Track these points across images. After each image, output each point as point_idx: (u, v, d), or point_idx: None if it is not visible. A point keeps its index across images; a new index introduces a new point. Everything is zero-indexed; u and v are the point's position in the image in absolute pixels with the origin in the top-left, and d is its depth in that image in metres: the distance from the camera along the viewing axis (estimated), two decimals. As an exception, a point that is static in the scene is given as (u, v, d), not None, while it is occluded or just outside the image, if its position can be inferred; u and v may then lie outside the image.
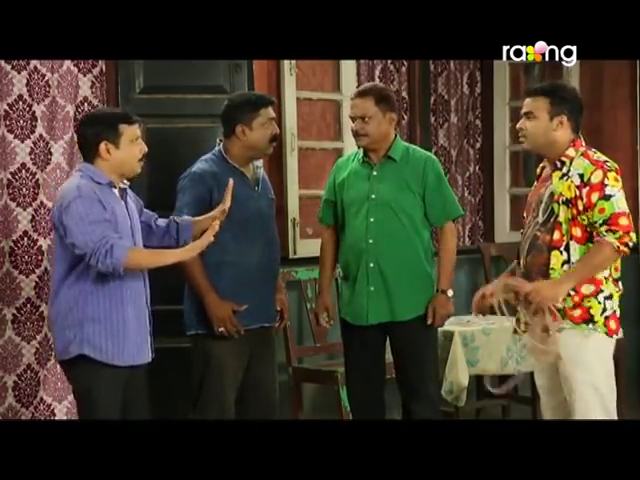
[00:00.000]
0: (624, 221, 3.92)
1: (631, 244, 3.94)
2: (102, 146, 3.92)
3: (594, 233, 3.95)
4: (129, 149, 3.95)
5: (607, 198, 3.92)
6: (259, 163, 4.68)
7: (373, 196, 4.63)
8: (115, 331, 3.91)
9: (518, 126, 4.13)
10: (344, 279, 4.78)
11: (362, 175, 4.68)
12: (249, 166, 4.61)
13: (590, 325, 3.96)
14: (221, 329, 4.45)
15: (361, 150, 4.72)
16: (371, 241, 4.61)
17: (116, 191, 3.98)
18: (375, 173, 4.66)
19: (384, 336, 4.70)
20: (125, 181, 4.04)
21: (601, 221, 3.92)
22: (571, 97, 4.12)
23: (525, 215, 4.23)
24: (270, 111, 4.53)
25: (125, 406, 3.98)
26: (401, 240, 4.61)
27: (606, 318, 3.98)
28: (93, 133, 3.93)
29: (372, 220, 4.62)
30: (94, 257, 3.82)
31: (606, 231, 3.91)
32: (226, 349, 4.47)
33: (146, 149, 4.03)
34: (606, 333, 3.99)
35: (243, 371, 4.55)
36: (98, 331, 3.90)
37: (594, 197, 3.93)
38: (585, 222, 3.96)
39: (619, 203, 3.93)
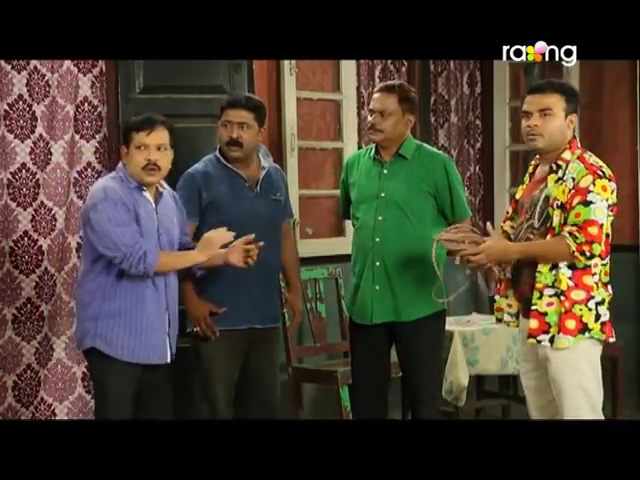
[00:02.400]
0: (593, 230, 3.88)
1: (588, 254, 3.89)
2: (122, 149, 4.13)
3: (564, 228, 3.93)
4: (133, 155, 4.07)
5: (587, 204, 3.89)
6: (266, 164, 4.68)
7: (382, 194, 4.61)
8: (129, 328, 4.01)
9: (532, 123, 4.02)
10: (353, 277, 4.76)
11: (373, 173, 4.66)
12: (250, 167, 4.62)
13: (586, 334, 3.93)
14: (196, 329, 4.49)
15: (373, 146, 4.71)
16: (378, 239, 4.59)
17: (147, 194, 4.09)
18: (385, 171, 4.64)
19: (389, 337, 4.67)
20: (164, 185, 4.18)
21: (572, 223, 3.90)
22: (577, 96, 4.11)
23: (509, 211, 4.22)
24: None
25: (140, 405, 4.03)
26: (408, 239, 4.57)
27: (602, 324, 3.95)
28: (121, 137, 4.19)
29: (380, 219, 4.59)
30: (127, 262, 3.96)
31: (569, 232, 3.89)
32: (215, 347, 4.51)
33: (153, 158, 4.06)
34: (604, 339, 3.98)
35: (237, 370, 4.58)
36: (112, 326, 4.01)
37: (575, 200, 3.90)
38: None
39: (596, 212, 3.89)
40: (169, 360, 4.14)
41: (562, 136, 4.03)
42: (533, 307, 3.97)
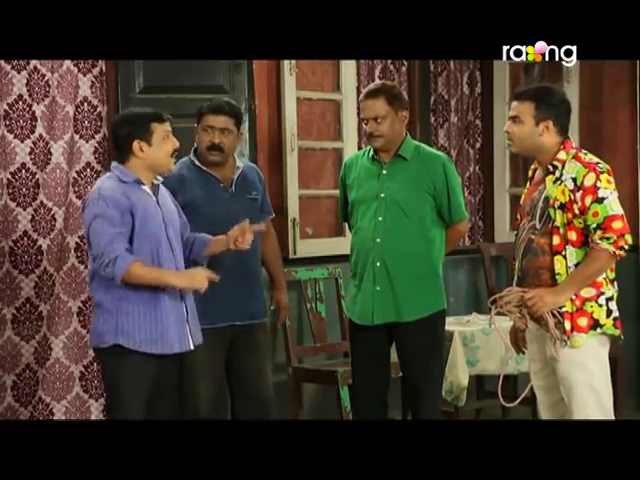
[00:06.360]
0: (618, 224, 3.90)
1: (626, 247, 3.91)
2: (135, 144, 4.06)
3: (589, 238, 3.93)
4: (161, 146, 4.08)
5: (600, 201, 3.90)
6: (240, 164, 4.71)
7: (382, 195, 4.60)
8: (148, 321, 4.00)
9: (505, 129, 4.11)
10: (352, 278, 4.74)
11: (372, 174, 4.65)
12: (225, 168, 4.67)
13: (598, 329, 3.94)
14: None
15: (371, 147, 4.68)
16: (378, 240, 4.58)
17: (146, 187, 4.09)
18: (385, 172, 4.62)
19: (389, 337, 4.66)
20: (159, 177, 4.16)
21: (595, 225, 3.90)
22: (558, 102, 4.07)
23: (519, 217, 4.22)
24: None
25: (151, 398, 4.04)
26: (409, 240, 4.57)
27: (615, 319, 3.96)
28: (126, 133, 4.07)
29: (380, 219, 4.58)
30: (97, 261, 3.95)
31: (600, 238, 3.89)
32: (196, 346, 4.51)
33: (177, 144, 4.13)
34: (618, 335, 3.98)
35: (221, 368, 4.62)
36: (131, 321, 3.98)
37: (587, 200, 3.91)
38: (581, 225, 3.94)
39: (612, 205, 3.91)
40: (192, 347, 4.14)
41: (532, 141, 4.04)
42: None
